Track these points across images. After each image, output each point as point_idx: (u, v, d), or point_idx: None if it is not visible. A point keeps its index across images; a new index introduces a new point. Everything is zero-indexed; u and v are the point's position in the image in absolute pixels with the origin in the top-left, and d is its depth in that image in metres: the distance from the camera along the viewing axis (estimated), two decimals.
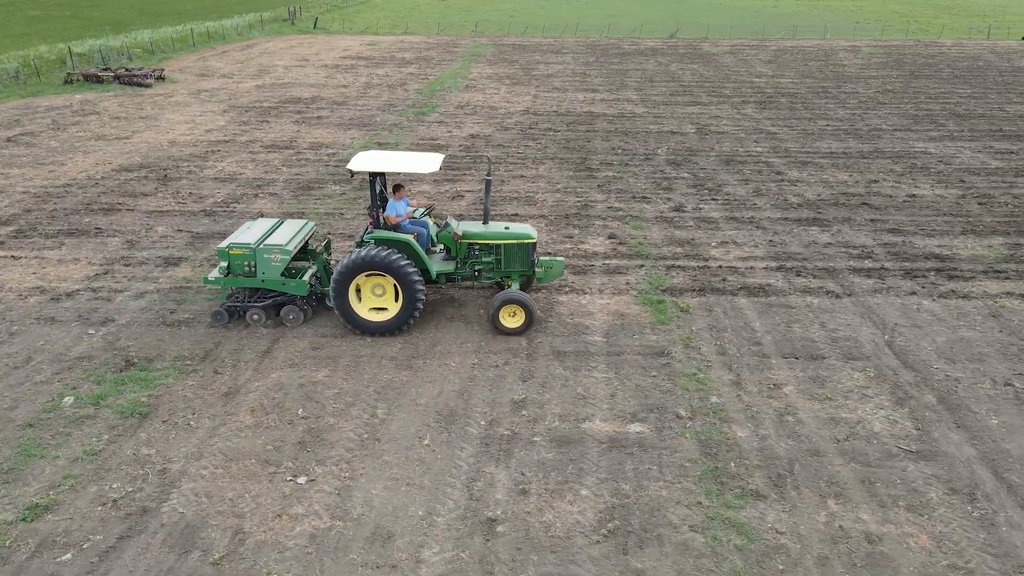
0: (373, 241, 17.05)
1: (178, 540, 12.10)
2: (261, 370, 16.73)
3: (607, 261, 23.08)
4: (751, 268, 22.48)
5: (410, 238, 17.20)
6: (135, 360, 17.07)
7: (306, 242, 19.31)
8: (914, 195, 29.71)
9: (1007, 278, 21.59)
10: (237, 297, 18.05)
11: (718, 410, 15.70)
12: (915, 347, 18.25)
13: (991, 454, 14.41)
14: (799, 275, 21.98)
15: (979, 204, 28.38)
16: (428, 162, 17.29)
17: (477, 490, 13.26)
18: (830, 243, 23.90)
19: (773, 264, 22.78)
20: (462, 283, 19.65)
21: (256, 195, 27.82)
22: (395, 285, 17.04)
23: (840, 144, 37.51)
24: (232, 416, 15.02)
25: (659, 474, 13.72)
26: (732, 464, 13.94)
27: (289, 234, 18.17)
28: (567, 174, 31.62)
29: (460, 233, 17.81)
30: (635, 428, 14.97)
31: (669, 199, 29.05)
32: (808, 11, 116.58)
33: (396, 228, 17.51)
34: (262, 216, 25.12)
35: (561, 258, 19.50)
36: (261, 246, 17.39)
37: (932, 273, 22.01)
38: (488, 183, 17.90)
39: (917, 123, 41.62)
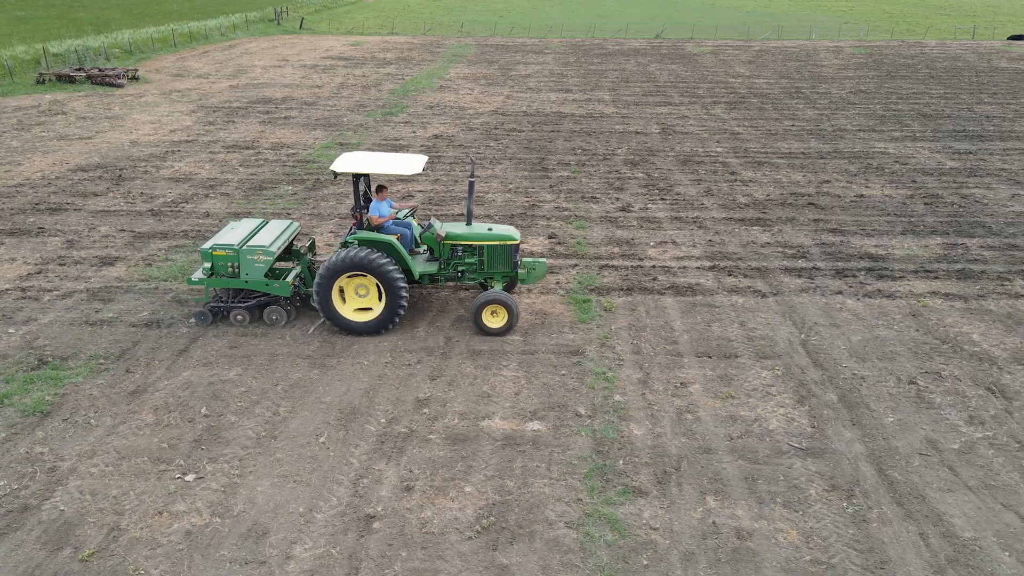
0: (356, 242, 17.13)
1: (52, 537, 12.20)
2: (174, 369, 16.82)
3: (551, 259, 23.13)
4: (684, 268, 22.67)
5: (393, 239, 17.25)
6: (49, 359, 17.23)
7: (290, 243, 19.49)
8: (863, 195, 29.72)
9: (936, 278, 21.68)
10: (220, 298, 18.08)
11: (619, 408, 15.80)
12: (829, 346, 18.33)
13: (879, 451, 14.52)
14: (730, 275, 22.04)
15: (925, 204, 28.38)
16: (411, 164, 17.41)
17: (363, 487, 13.36)
18: (768, 243, 23.98)
19: (707, 264, 22.89)
20: (446, 284, 19.83)
21: (207, 195, 27.94)
22: (378, 286, 17.20)
23: (801, 144, 37.49)
24: (134, 414, 15.21)
25: (546, 471, 13.77)
26: (621, 462, 14.03)
27: (273, 235, 18.25)
28: (522, 174, 31.87)
29: (443, 234, 17.89)
30: (533, 426, 14.99)
31: (618, 199, 29.08)
32: (799, 12, 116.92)
33: (379, 229, 17.64)
34: (247, 216, 25.21)
35: (544, 259, 19.61)
36: (244, 247, 17.44)
37: (862, 273, 21.98)
38: (471, 184, 17.88)
39: (883, 123, 41.74)
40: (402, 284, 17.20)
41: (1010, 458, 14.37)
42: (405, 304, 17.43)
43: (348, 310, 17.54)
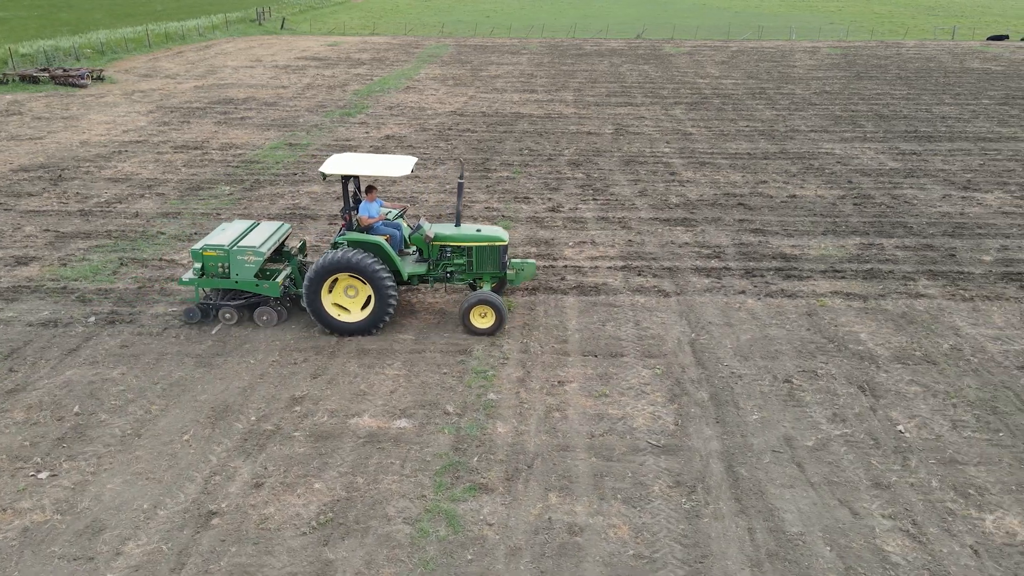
0: (346, 243, 17.29)
1: None
2: (59, 368, 17.08)
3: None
4: (596, 268, 23.00)
5: (382, 240, 17.38)
6: None
7: (281, 244, 19.71)
8: (795, 196, 30.03)
9: (842, 277, 21.97)
10: (210, 296, 18.25)
11: (490, 406, 16.05)
12: (716, 345, 18.64)
13: (733, 449, 14.79)
14: (640, 275, 22.45)
15: (854, 205, 28.80)
16: (400, 165, 17.60)
17: (213, 484, 13.56)
18: (687, 243, 24.30)
19: (619, 264, 23.29)
20: (435, 284, 20.06)
21: (142, 196, 28.29)
22: (368, 286, 17.11)
23: (749, 145, 37.86)
24: (6, 413, 15.46)
25: (399, 468, 14.02)
26: (476, 459, 14.23)
27: (263, 236, 18.45)
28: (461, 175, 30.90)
29: (432, 235, 18.05)
30: (400, 424, 15.23)
31: (551, 199, 29.37)
32: (788, 12, 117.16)
33: (369, 230, 17.83)
34: (238, 218, 25.48)
35: (533, 260, 19.73)
36: (235, 248, 17.67)
37: (771, 273, 22.20)
38: (460, 186, 18.01)
39: (837, 124, 42.12)
40: (390, 285, 17.32)
41: (860, 455, 14.49)
42: (394, 305, 17.70)
43: (337, 311, 17.76)
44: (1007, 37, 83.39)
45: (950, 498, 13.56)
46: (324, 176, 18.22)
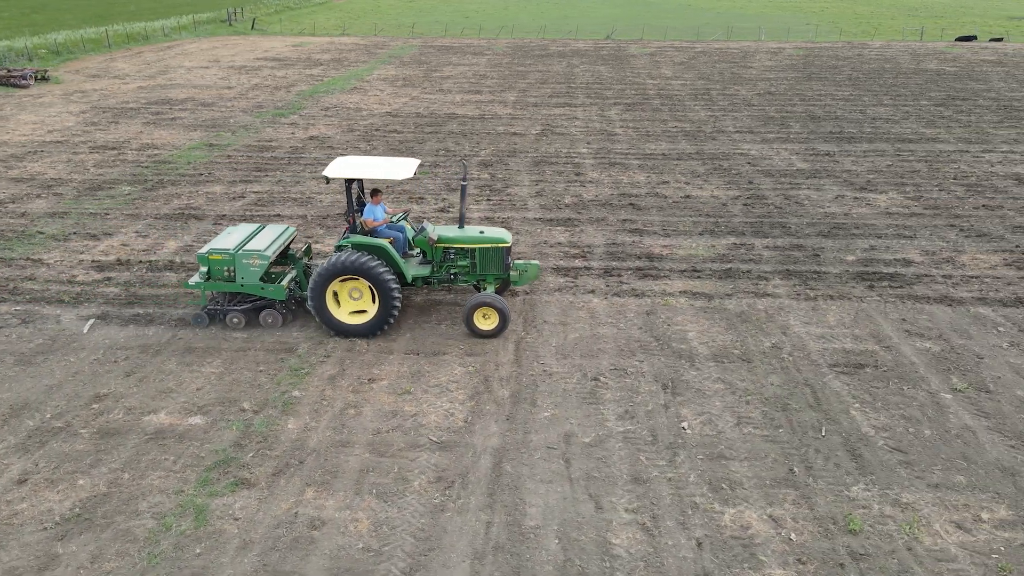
0: (350, 245, 17.51)
1: None
2: None
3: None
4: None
5: (385, 242, 17.53)
6: None
7: (286, 247, 19.98)
8: (690, 196, 30.51)
9: (698, 277, 22.44)
10: (217, 300, 18.48)
11: (289, 403, 16.32)
12: (540, 344, 19.02)
13: (510, 445, 15.19)
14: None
15: (744, 205, 29.19)
16: (402, 168, 17.79)
17: None
18: (559, 243, 24.58)
19: None
20: (438, 286, 20.32)
21: (39, 196, 28.72)
22: (371, 289, 17.56)
23: (669, 146, 38.41)
24: None
25: (171, 464, 14.38)
26: (251, 455, 14.54)
27: (268, 239, 18.67)
28: None
29: (435, 237, 18.22)
30: (192, 421, 15.50)
31: (445, 200, 29.76)
32: (770, 12, 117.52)
33: (373, 233, 18.07)
34: (243, 222, 25.75)
35: (536, 261, 19.92)
36: (240, 251, 17.86)
37: (629, 272, 22.65)
38: (463, 188, 18.18)
39: (765, 125, 42.51)
40: (394, 287, 17.47)
41: (632, 451, 14.90)
42: (398, 307, 17.88)
43: (342, 313, 18.06)
44: (975, 38, 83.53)
45: (700, 492, 13.77)
46: (327, 180, 18.47)
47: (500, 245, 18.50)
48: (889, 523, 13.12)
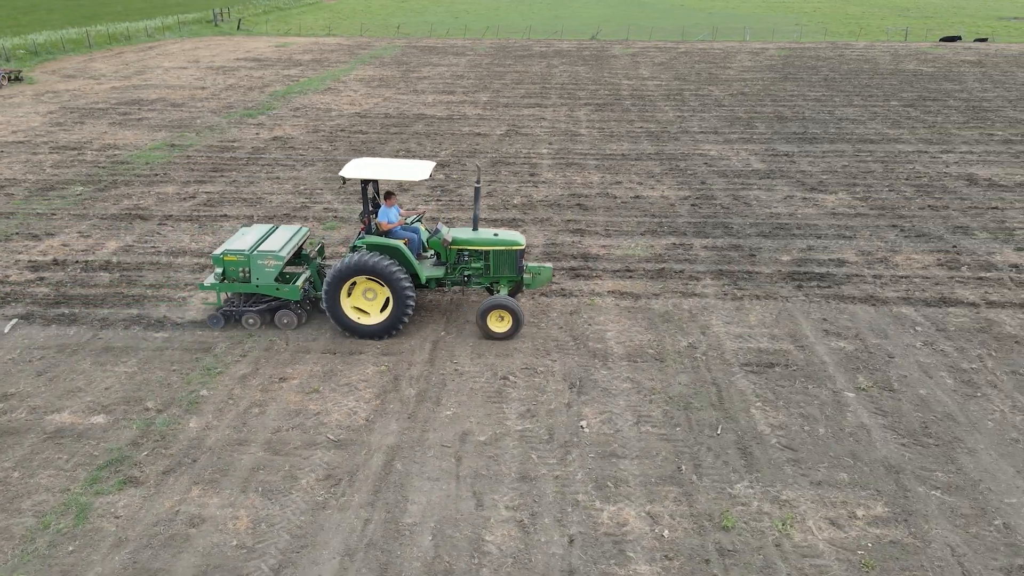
0: (364, 246, 17.66)
1: None
2: None
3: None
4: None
5: (400, 244, 17.62)
6: None
7: (300, 247, 20.09)
8: (640, 196, 30.68)
9: (630, 277, 22.71)
10: (232, 302, 18.67)
11: (195, 402, 16.44)
12: (458, 344, 19.21)
13: (405, 444, 15.42)
14: None
15: (692, 206, 29.47)
16: (418, 169, 17.92)
17: None
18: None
19: None
20: (452, 288, 20.32)
21: None
22: (386, 289, 17.39)
23: (630, 146, 38.56)
24: None
25: (63, 463, 14.50)
26: (146, 453, 14.70)
27: (282, 240, 18.80)
28: (324, 176, 32.92)
29: (450, 239, 18.35)
30: (95, 419, 15.67)
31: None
32: (762, 13, 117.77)
33: (388, 234, 18.15)
34: (256, 223, 25.86)
35: (549, 264, 20.02)
36: (255, 252, 18.00)
37: (561, 272, 22.90)
38: (477, 191, 18.22)
39: (732, 126, 42.86)
40: (408, 288, 17.58)
41: (525, 450, 15.12)
42: (412, 307, 17.95)
43: (356, 313, 18.16)
44: (959, 38, 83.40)
45: (584, 490, 13.91)
46: (344, 181, 18.41)
47: (514, 248, 18.58)
48: (764, 520, 13.19)
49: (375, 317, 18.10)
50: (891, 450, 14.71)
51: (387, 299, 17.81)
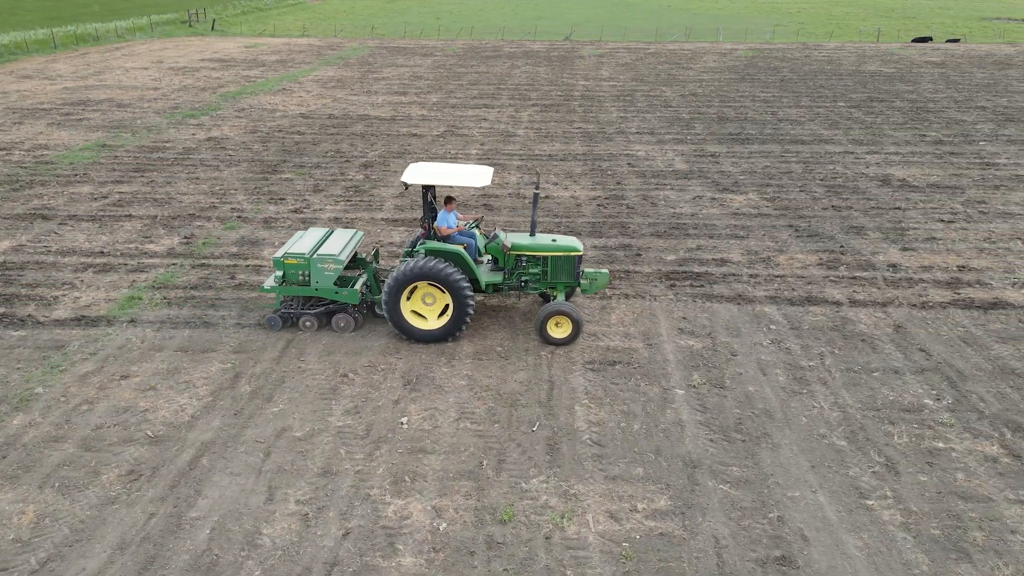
0: (424, 252, 17.74)
1: None
2: None
3: (153, 259, 24.51)
4: (260, 266, 23.86)
5: (461, 249, 17.71)
6: None
7: (355, 251, 20.12)
8: (550, 196, 30.80)
9: None
10: (291, 304, 18.96)
11: (26, 399, 16.74)
12: (313, 342, 19.48)
13: (220, 440, 15.69)
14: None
15: (598, 206, 29.74)
16: (479, 176, 18.00)
17: None
18: (392, 243, 25.24)
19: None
20: (508, 293, 20.43)
21: None
22: (446, 294, 17.52)
23: (562, 147, 38.93)
24: None
25: None
26: None
27: (341, 244, 18.92)
28: (245, 176, 33.29)
29: (509, 245, 18.46)
30: None
31: (306, 200, 30.20)
32: (747, 13, 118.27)
33: (447, 239, 18.19)
34: (312, 226, 25.99)
35: (606, 270, 19.99)
36: (315, 256, 18.25)
37: None
38: (536, 196, 18.48)
39: (671, 126, 43.15)
40: (469, 293, 17.61)
41: (336, 446, 15.60)
42: (471, 312, 18.02)
43: (415, 318, 18.19)
44: (931, 39, 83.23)
45: (380, 485, 14.22)
46: (406, 186, 18.66)
47: (572, 253, 18.59)
48: (546, 514, 13.43)
49: (434, 322, 18.21)
50: (697, 446, 14.89)
51: (446, 304, 17.95)
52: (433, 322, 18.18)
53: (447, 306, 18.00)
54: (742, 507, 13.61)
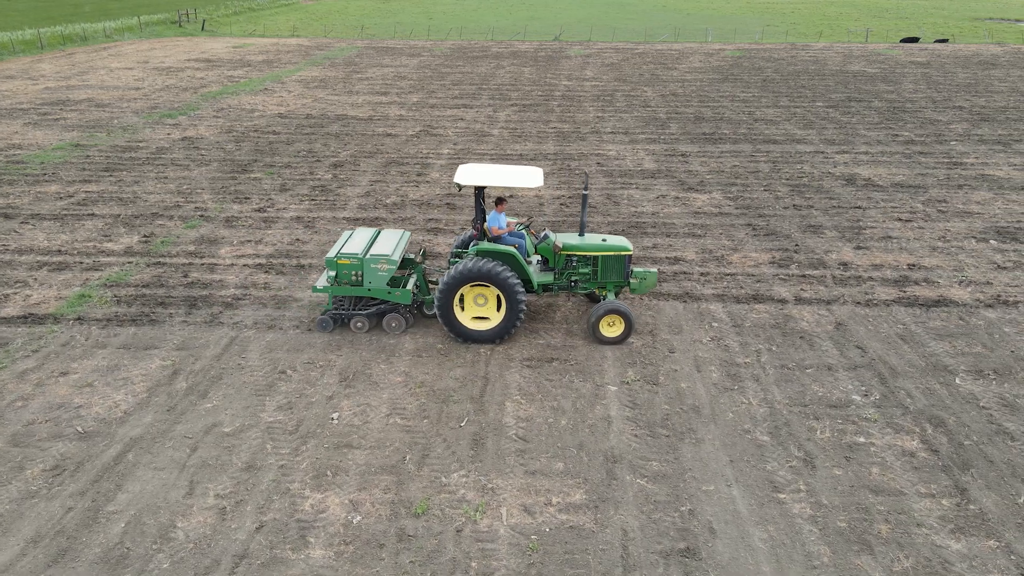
0: (475, 253, 17.87)
1: None
2: None
3: (109, 258, 24.64)
4: (231, 266, 24.11)
5: (514, 250, 17.79)
6: None
7: (406, 251, 19.93)
8: (513, 196, 30.78)
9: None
10: (342, 305, 19.11)
11: None
12: (256, 339, 19.76)
13: (150, 435, 15.96)
14: (267, 272, 23.81)
15: (560, 205, 29.93)
16: (531, 177, 18.07)
17: None
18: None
19: (260, 262, 24.57)
20: (558, 293, 20.53)
21: None
22: (497, 295, 17.86)
23: (534, 147, 39.05)
24: None
25: None
26: None
27: (392, 244, 18.97)
28: (214, 175, 33.45)
29: (561, 245, 18.58)
30: None
31: (271, 200, 30.40)
32: (741, 14, 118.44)
33: (497, 240, 18.27)
34: (359, 227, 26.11)
35: (655, 269, 19.60)
36: (368, 256, 18.30)
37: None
38: (585, 197, 18.44)
39: (647, 126, 43.36)
40: (522, 293, 17.61)
41: (263, 441, 15.86)
42: (524, 313, 18.00)
43: (467, 319, 18.21)
44: (919, 40, 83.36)
45: (301, 479, 14.50)
46: (460, 187, 18.79)
47: (623, 253, 18.67)
48: (461, 507, 13.59)
49: (486, 323, 18.30)
50: (621, 441, 15.04)
51: (498, 304, 18.04)
52: (485, 322, 18.36)
53: (500, 307, 18.14)
54: (655, 501, 13.65)
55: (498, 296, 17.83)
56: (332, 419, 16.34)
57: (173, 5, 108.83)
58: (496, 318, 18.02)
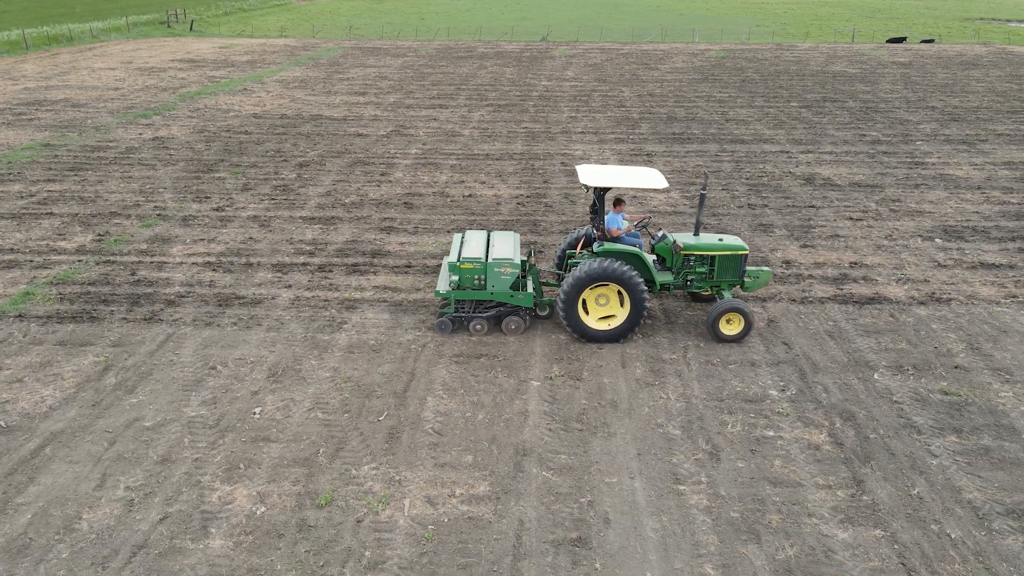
0: (599, 253, 18.05)
1: None
2: None
3: (60, 256, 24.83)
4: (180, 264, 24.39)
5: (638, 250, 18.00)
6: None
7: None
8: (473, 195, 31.34)
9: (405, 273, 23.74)
10: (462, 307, 19.11)
11: None
12: (192, 336, 20.05)
13: (70, 430, 16.17)
14: (215, 271, 24.12)
15: (517, 204, 30.16)
16: (652, 179, 18.18)
17: None
18: (301, 240, 25.96)
19: (211, 260, 24.94)
20: (675, 292, 20.12)
21: None
22: (619, 294, 18.00)
23: (503, 146, 39.34)
24: None
25: None
26: None
27: (510, 247, 18.96)
28: (179, 175, 33.73)
29: (681, 245, 18.67)
30: None
31: (231, 199, 30.55)
32: (733, 14, 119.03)
33: (616, 240, 18.47)
34: (468, 229, 26.30)
35: (767, 268, 19.63)
36: (492, 260, 18.25)
37: (341, 269, 23.95)
38: (702, 196, 18.52)
39: (617, 126, 43.51)
40: (647, 292, 17.69)
41: (182, 435, 16.12)
42: (646, 312, 18.14)
43: (591, 319, 18.35)
44: (905, 40, 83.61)
45: (213, 472, 14.67)
46: (587, 188, 19.06)
47: (739, 252, 18.83)
48: (365, 499, 13.82)
49: (611, 321, 18.44)
50: (534, 435, 15.32)
51: (621, 304, 18.24)
52: (610, 321, 18.54)
53: (623, 306, 18.34)
54: (557, 492, 13.85)
55: (619, 293, 18.02)
56: (254, 413, 16.51)
57: (164, 6, 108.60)
58: (621, 315, 18.23)
